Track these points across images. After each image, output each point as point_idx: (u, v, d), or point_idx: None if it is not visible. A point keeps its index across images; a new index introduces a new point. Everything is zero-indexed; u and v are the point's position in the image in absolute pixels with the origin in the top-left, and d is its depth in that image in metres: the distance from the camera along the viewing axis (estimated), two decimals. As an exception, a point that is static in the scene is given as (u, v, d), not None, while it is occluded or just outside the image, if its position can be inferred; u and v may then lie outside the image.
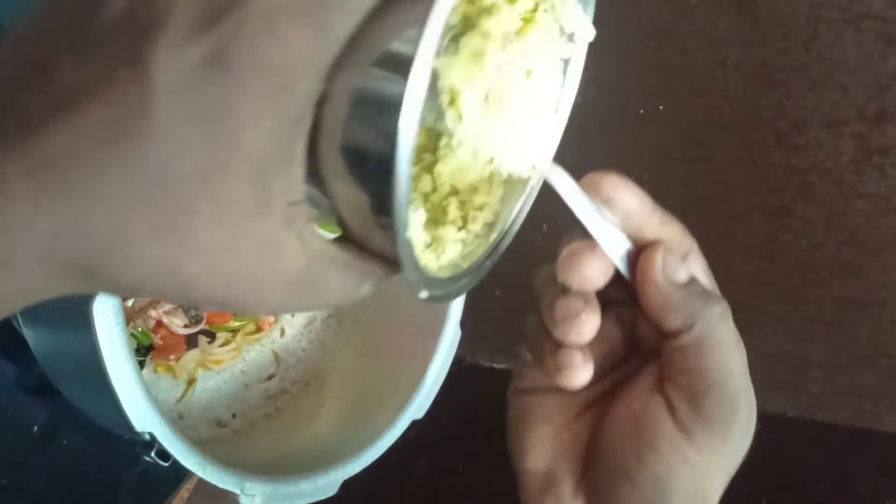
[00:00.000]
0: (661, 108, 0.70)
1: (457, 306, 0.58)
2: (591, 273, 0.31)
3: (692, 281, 0.32)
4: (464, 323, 0.59)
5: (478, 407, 0.40)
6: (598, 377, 0.32)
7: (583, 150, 0.68)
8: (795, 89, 0.65)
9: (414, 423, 0.55)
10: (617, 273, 0.31)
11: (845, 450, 0.68)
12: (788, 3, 0.65)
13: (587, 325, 0.31)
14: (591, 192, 0.30)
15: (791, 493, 0.67)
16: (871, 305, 0.66)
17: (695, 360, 0.31)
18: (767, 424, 0.69)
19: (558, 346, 0.31)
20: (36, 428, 0.60)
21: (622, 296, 0.32)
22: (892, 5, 0.61)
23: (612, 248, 0.31)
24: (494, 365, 0.83)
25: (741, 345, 0.32)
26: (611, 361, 0.34)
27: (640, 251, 0.32)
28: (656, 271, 0.31)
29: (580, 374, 0.31)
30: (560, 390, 0.32)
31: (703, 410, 0.31)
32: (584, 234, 0.30)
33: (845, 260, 0.66)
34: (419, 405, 0.56)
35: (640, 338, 0.34)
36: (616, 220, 0.31)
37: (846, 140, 0.64)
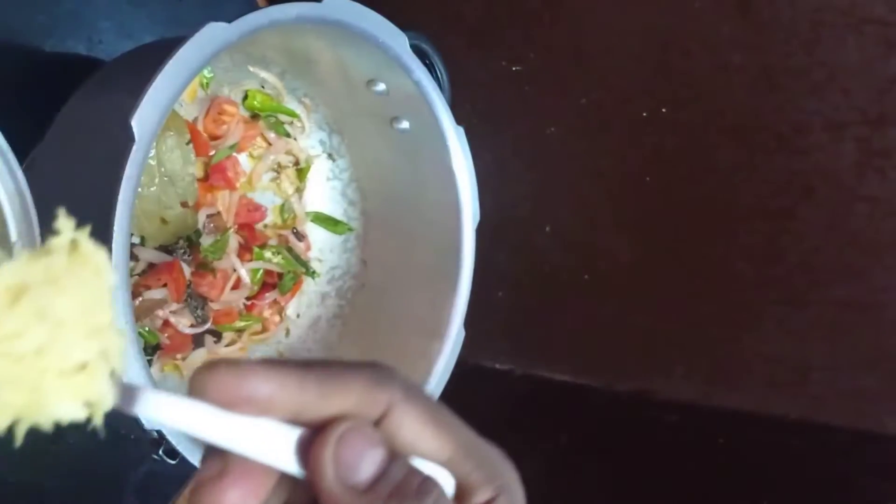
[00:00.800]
0: (663, 111, 0.70)
1: (461, 307, 0.59)
2: None
3: (387, 473, 0.23)
4: (467, 324, 0.59)
5: (481, 408, 0.40)
6: None
7: (585, 153, 0.69)
8: (797, 93, 0.66)
9: (417, 424, 0.56)
10: None
11: (847, 452, 0.68)
12: (791, 7, 0.65)
13: None
14: (201, 399, 0.22)
15: (792, 495, 0.68)
16: (872, 308, 0.66)
17: None
18: (769, 427, 0.69)
19: None
20: (43, 427, 0.60)
21: None
22: (893, 9, 0.61)
23: (267, 452, 0.22)
24: (497, 366, 0.83)
25: None
26: None
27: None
28: (323, 480, 0.22)
29: None
30: None
31: None
32: (217, 451, 0.23)
33: (847, 262, 0.66)
34: (423, 405, 0.56)
35: None
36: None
37: (848, 143, 0.64)
